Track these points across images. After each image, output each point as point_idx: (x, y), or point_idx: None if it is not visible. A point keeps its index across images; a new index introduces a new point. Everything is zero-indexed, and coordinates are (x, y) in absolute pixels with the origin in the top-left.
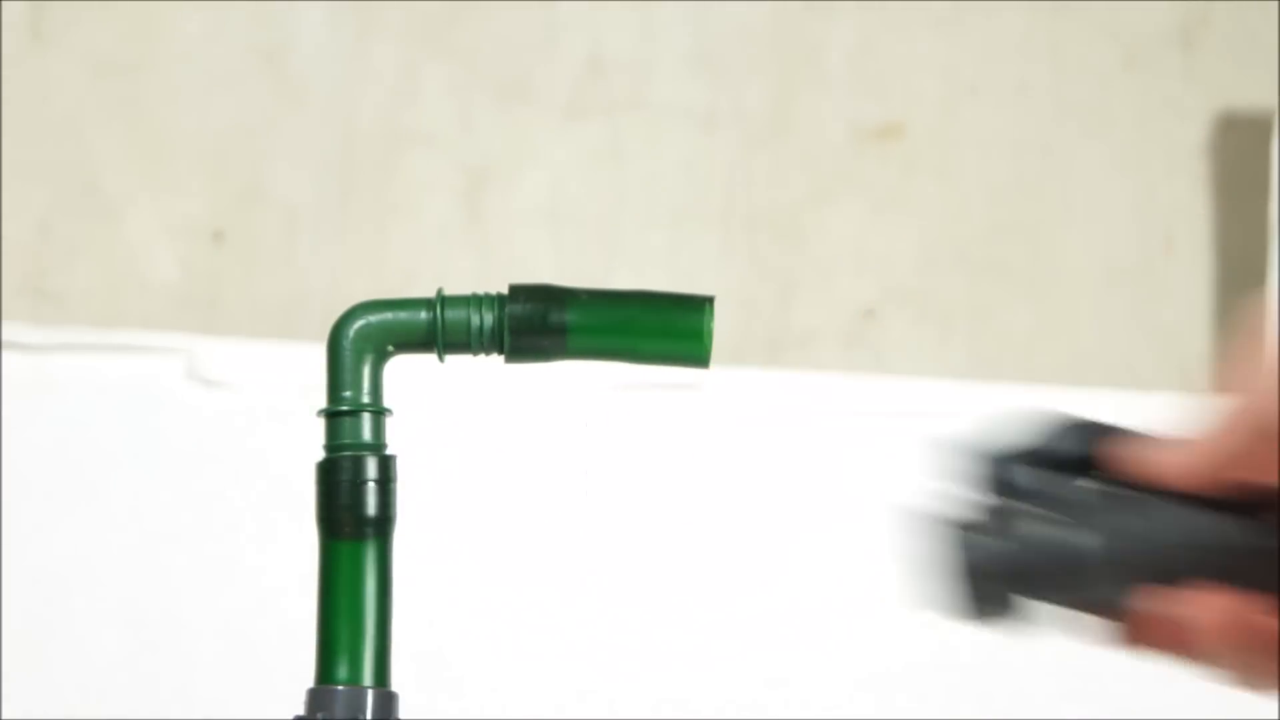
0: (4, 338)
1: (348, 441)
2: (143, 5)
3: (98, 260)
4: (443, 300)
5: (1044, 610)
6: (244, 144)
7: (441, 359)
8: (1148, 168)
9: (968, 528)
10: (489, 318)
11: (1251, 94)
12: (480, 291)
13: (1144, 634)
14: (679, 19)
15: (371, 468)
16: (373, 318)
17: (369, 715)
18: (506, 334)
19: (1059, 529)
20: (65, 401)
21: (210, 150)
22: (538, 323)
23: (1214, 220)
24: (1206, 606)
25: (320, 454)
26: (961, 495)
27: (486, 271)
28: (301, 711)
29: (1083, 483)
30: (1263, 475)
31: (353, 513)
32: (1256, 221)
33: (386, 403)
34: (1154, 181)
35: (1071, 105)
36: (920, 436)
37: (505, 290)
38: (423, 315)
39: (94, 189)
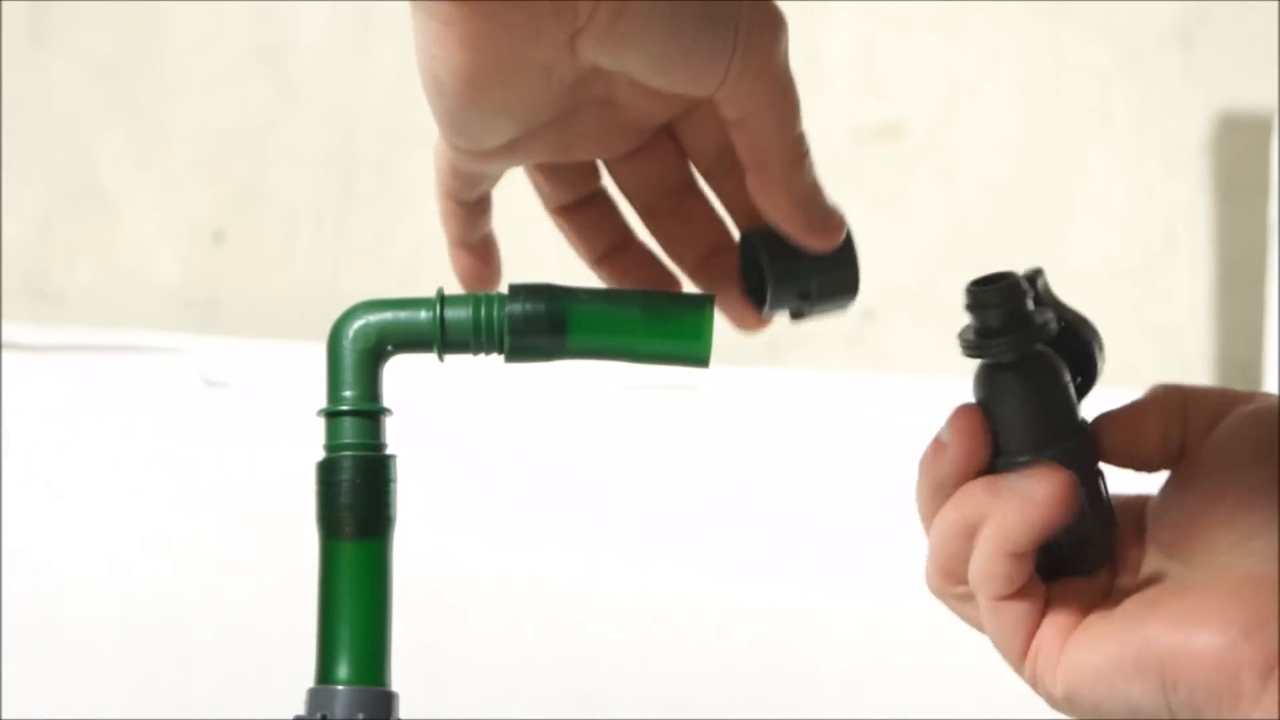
0: (4, 338)
1: (348, 441)
2: (143, 5)
3: (98, 260)
4: (442, 300)
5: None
6: (244, 144)
7: (441, 359)
8: (1148, 168)
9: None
10: (489, 317)
11: (1251, 94)
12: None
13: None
14: None
15: (371, 468)
16: (372, 317)
17: (369, 715)
18: (506, 334)
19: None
20: (65, 401)
21: (210, 150)
22: (538, 322)
23: (1214, 220)
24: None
25: (320, 454)
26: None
27: None
28: (301, 711)
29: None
30: None
31: (353, 513)
32: (1256, 221)
33: (386, 403)
34: (1154, 181)
35: (1071, 105)
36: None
37: (505, 290)
38: (422, 315)
39: (94, 189)
